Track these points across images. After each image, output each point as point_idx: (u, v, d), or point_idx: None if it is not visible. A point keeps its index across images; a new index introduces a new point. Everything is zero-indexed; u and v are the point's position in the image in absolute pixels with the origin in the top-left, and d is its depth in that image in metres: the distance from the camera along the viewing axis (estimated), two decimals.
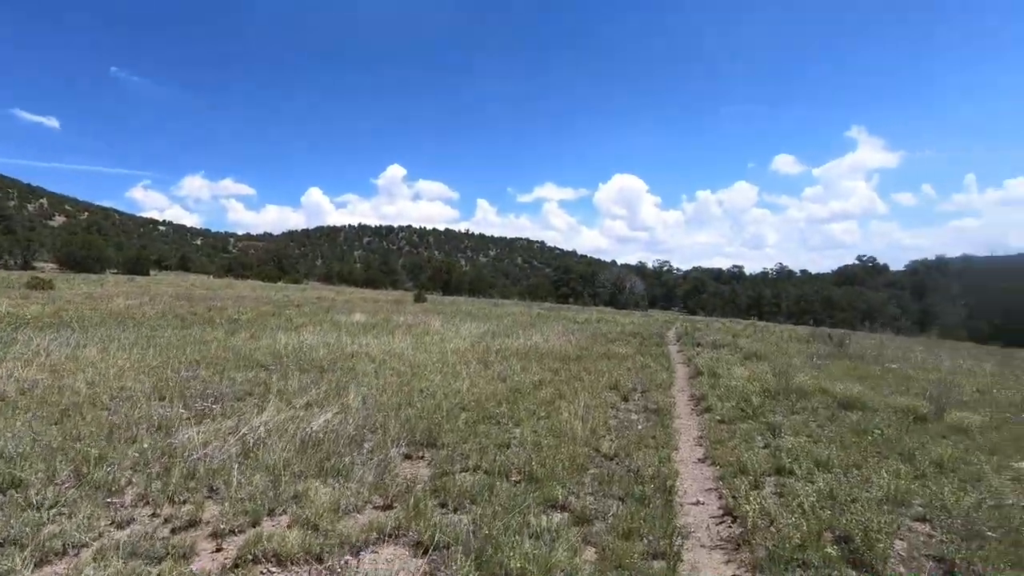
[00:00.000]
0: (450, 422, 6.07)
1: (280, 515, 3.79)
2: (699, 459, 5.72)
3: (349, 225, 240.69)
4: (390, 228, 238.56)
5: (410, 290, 56.10)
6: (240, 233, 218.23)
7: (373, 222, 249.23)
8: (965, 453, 5.98)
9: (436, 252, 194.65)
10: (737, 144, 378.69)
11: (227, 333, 12.80)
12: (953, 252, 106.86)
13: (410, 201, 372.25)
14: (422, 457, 5.14)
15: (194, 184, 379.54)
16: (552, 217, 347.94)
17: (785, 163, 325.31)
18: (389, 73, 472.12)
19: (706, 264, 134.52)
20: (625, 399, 8.25)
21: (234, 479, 4.11)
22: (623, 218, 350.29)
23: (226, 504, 3.80)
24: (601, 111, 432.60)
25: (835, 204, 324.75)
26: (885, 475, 4.95)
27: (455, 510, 4.01)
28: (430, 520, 3.68)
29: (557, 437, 5.78)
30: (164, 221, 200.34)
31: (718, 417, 7.24)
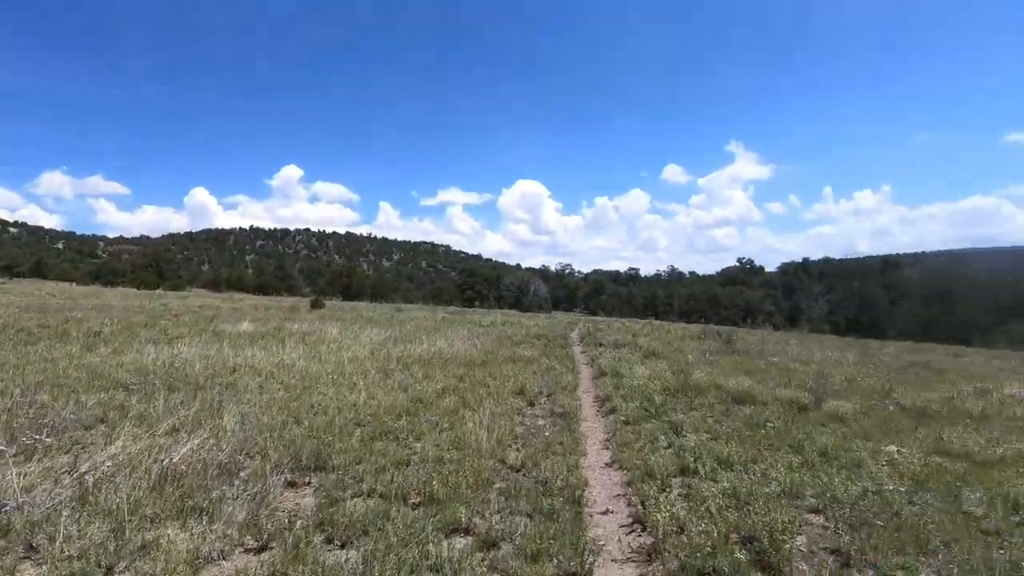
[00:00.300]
0: (343, 440, 5.51)
1: (121, 572, 3.11)
2: (607, 463, 5.61)
3: (240, 228, 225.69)
4: (286, 231, 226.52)
5: (308, 296, 53.13)
6: (112, 236, 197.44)
7: (267, 224, 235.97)
8: (844, 440, 6.37)
9: (336, 256, 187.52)
10: (632, 154, 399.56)
11: (83, 348, 11.12)
12: (815, 255, 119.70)
13: (307, 203, 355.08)
14: (308, 483, 4.56)
15: (54, 181, 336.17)
16: (457, 221, 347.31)
17: (674, 173, 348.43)
18: (283, 67, 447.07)
19: (605, 267, 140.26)
20: (531, 404, 8.06)
21: (61, 531, 3.33)
22: (526, 222, 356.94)
23: (47, 566, 3.06)
24: (504, 117, 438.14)
25: (717, 211, 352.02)
26: (781, 469, 5.10)
27: (343, 546, 3.51)
28: (312, 561, 3.18)
29: (461, 450, 5.43)
30: (16, 222, 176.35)
31: (623, 418, 7.24)
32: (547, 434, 6.25)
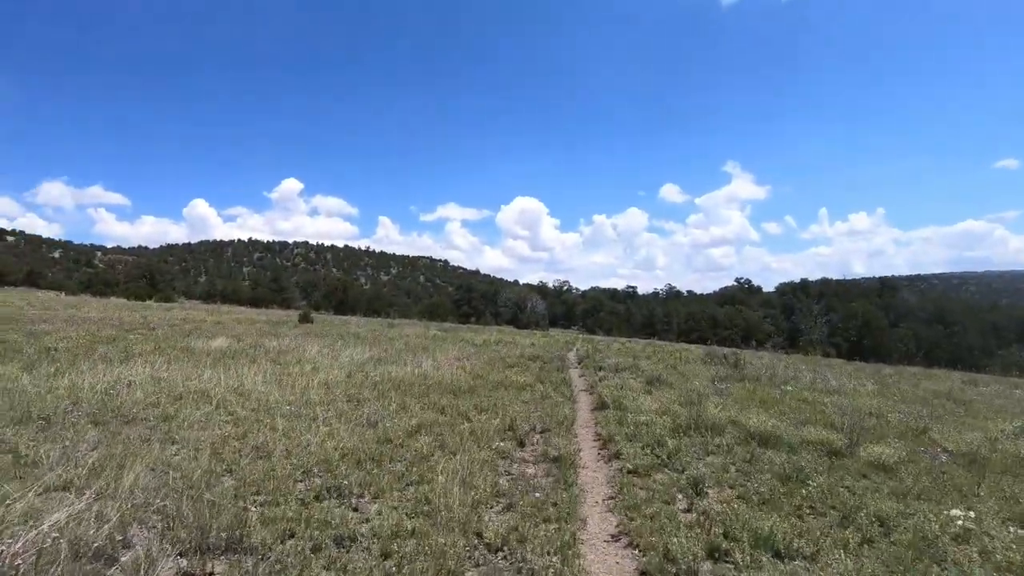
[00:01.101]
0: (276, 501, 4.33)
1: None
2: (612, 536, 4.43)
3: (238, 240, 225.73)
4: (284, 244, 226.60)
5: (301, 309, 51.88)
6: (110, 246, 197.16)
7: (266, 237, 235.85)
8: (901, 504, 5.21)
9: (334, 269, 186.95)
10: (629, 172, 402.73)
11: (22, 368, 9.90)
12: (812, 276, 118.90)
13: (307, 216, 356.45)
14: (211, 573, 3.38)
15: (54, 191, 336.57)
16: (455, 236, 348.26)
17: (671, 192, 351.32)
18: (284, 81, 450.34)
19: (603, 284, 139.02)
20: (521, 444, 6.88)
21: None
22: (525, 239, 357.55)
23: None
24: (504, 134, 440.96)
25: (715, 230, 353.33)
26: (838, 552, 3.93)
27: None
28: None
29: (427, 516, 4.26)
30: (13, 230, 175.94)
31: (629, 466, 6.05)
32: (538, 494, 5.04)
